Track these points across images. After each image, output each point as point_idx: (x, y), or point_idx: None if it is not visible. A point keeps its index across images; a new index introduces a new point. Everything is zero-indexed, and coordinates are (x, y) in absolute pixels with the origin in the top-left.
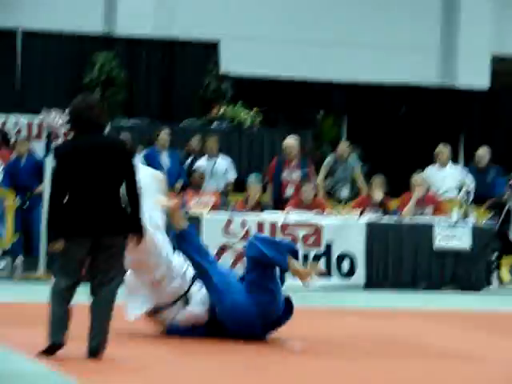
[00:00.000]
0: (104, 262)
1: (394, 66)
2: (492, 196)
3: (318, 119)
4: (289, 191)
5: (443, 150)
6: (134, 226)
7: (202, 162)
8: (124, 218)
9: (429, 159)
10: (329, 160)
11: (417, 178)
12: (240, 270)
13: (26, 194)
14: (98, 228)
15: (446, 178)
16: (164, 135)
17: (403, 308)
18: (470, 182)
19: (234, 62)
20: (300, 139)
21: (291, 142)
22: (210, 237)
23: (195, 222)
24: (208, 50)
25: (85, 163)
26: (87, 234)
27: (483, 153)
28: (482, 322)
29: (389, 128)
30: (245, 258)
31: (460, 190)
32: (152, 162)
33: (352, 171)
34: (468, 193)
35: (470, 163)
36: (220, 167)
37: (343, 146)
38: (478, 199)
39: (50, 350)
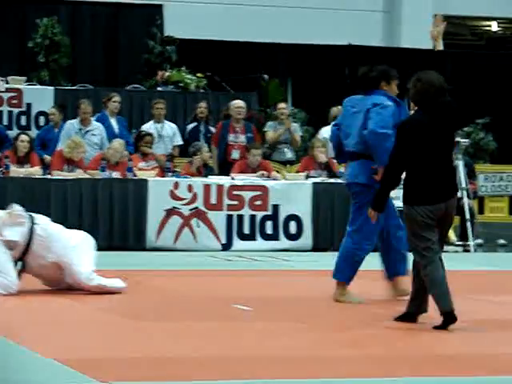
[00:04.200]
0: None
1: (338, 28)
2: None
3: (262, 82)
4: (234, 155)
5: None
6: None
7: (148, 127)
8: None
9: None
10: (270, 123)
11: None
12: (186, 234)
13: None
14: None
15: None
16: (115, 102)
17: None
18: None
19: (178, 26)
20: (245, 103)
21: (240, 103)
22: (157, 201)
23: (142, 185)
24: (152, 13)
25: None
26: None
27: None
28: None
29: (333, 90)
30: None
31: None
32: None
33: (293, 133)
34: None
35: None
36: (167, 131)
37: (281, 108)
38: None
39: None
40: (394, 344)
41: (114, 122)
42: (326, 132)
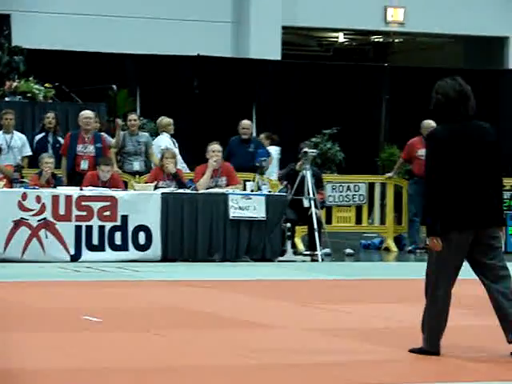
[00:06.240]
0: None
1: (187, 38)
2: (253, 166)
3: (111, 92)
4: (83, 165)
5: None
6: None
7: None
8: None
9: (223, 130)
10: (120, 134)
11: (212, 147)
12: (35, 246)
13: None
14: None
15: None
16: None
17: (199, 280)
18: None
19: (26, 36)
20: (94, 113)
21: (88, 113)
22: (5, 212)
23: None
24: None
25: (464, 150)
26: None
27: (247, 125)
28: (276, 291)
29: (182, 100)
30: None
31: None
32: None
33: (144, 145)
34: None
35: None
36: (16, 142)
37: (132, 119)
38: (240, 168)
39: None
40: (246, 351)
41: None
42: (162, 141)
